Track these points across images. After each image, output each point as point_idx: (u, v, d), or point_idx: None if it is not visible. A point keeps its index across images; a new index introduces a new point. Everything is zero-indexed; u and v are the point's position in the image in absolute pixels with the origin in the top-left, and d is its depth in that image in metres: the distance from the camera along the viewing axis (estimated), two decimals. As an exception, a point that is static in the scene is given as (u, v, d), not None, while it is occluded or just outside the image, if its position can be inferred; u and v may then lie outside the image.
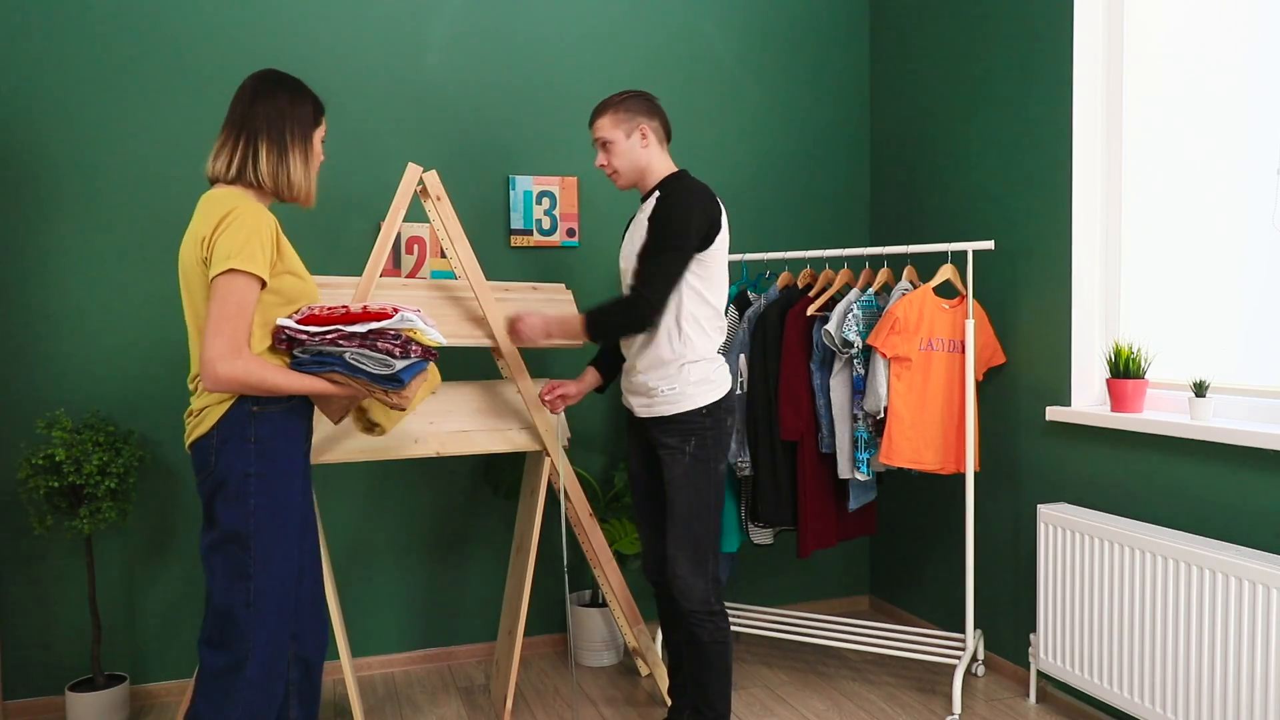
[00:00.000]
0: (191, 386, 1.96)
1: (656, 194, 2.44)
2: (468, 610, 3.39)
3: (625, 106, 2.45)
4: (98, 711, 2.81)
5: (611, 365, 2.69)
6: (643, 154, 2.46)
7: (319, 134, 2.05)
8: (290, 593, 1.95)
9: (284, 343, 1.93)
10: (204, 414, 1.90)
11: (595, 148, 2.58)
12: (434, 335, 2.02)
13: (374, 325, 1.92)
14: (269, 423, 1.91)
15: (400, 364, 1.94)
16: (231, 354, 1.81)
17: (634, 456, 2.62)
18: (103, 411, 2.98)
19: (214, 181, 1.98)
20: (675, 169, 2.50)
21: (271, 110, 1.97)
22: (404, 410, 2.01)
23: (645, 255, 2.36)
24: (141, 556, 3.04)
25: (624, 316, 2.37)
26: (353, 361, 1.91)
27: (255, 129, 1.96)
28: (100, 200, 2.96)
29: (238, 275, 1.82)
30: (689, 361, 2.41)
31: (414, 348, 1.98)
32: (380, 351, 1.92)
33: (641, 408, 2.48)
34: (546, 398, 2.63)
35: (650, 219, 2.39)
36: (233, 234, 1.83)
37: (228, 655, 1.89)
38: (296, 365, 1.93)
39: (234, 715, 1.88)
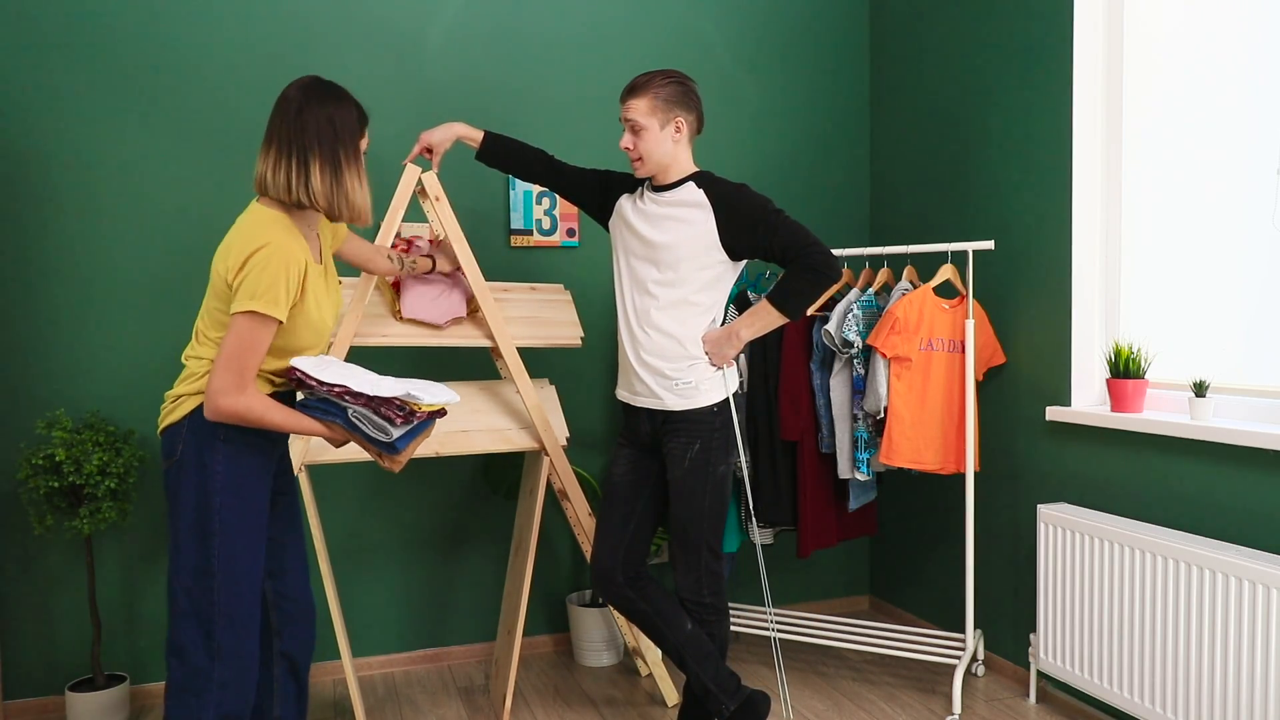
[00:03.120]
0: (185, 361, 1.95)
1: (692, 187, 2.38)
2: (467, 610, 3.39)
3: (664, 95, 2.33)
4: (98, 711, 2.81)
5: (504, 156, 2.62)
6: (671, 148, 2.37)
7: (364, 144, 1.98)
8: (256, 591, 1.93)
9: (295, 383, 1.96)
10: (179, 402, 1.91)
11: (622, 125, 2.40)
12: (443, 398, 1.99)
13: (381, 393, 1.94)
14: None
15: (398, 432, 1.95)
16: (236, 390, 1.83)
17: (624, 455, 2.53)
18: (103, 411, 2.99)
19: (262, 191, 1.92)
20: (697, 167, 2.44)
21: (322, 124, 1.89)
22: (394, 471, 2.02)
23: (776, 229, 2.31)
24: (141, 556, 3.04)
25: (814, 275, 2.31)
26: (354, 420, 1.94)
27: (305, 145, 1.88)
28: (100, 200, 2.96)
29: (257, 316, 1.82)
30: (700, 358, 2.42)
31: (419, 414, 1.97)
32: (382, 417, 1.94)
33: (651, 401, 2.44)
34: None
35: (737, 216, 2.34)
36: (259, 275, 1.81)
37: (195, 656, 1.88)
38: (302, 405, 1.95)
39: (205, 717, 1.87)
